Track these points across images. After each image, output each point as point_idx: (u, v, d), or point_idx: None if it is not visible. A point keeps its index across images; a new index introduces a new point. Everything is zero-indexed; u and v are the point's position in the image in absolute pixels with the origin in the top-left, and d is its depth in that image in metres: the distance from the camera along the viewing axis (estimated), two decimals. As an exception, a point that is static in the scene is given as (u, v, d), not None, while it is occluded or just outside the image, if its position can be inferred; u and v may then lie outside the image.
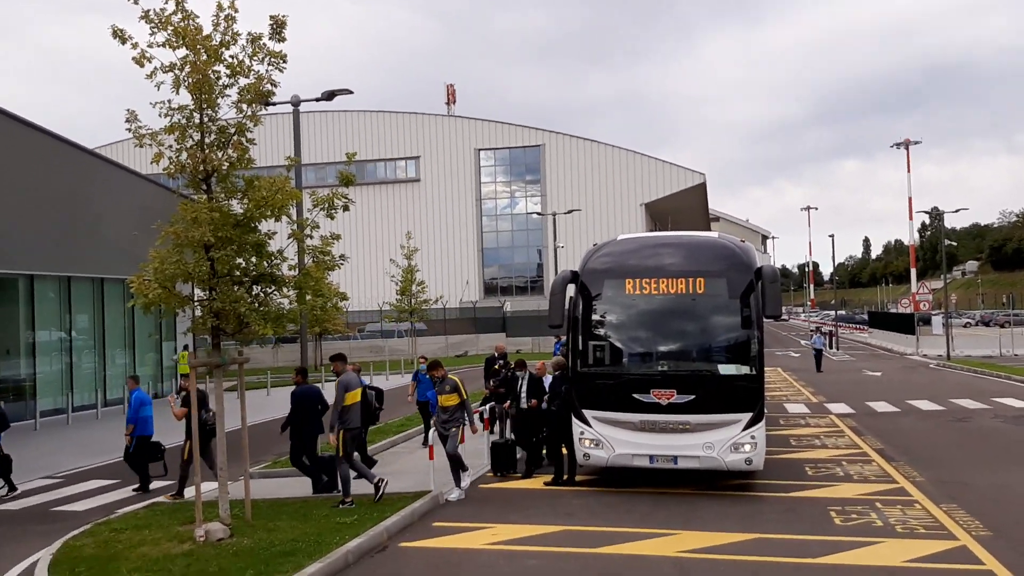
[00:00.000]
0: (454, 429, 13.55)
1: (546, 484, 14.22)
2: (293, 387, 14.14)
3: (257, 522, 11.53)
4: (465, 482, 13.65)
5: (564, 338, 16.24)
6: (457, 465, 13.53)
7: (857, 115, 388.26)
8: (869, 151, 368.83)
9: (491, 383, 17.63)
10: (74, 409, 26.23)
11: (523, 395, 15.19)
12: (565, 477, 14.23)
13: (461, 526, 11.59)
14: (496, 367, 18.25)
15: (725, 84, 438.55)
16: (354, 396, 13.17)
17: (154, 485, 14.94)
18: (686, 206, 78.01)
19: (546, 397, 14.62)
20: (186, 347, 30.16)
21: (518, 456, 15.34)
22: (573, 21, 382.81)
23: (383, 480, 13.01)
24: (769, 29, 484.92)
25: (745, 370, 13.13)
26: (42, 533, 12.18)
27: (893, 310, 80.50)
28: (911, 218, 76.87)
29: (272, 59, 11.14)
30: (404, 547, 10.73)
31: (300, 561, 9.69)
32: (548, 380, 14.91)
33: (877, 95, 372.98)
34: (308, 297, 11.99)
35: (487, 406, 16.93)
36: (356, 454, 13.58)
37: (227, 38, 10.91)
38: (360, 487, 13.99)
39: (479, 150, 73.23)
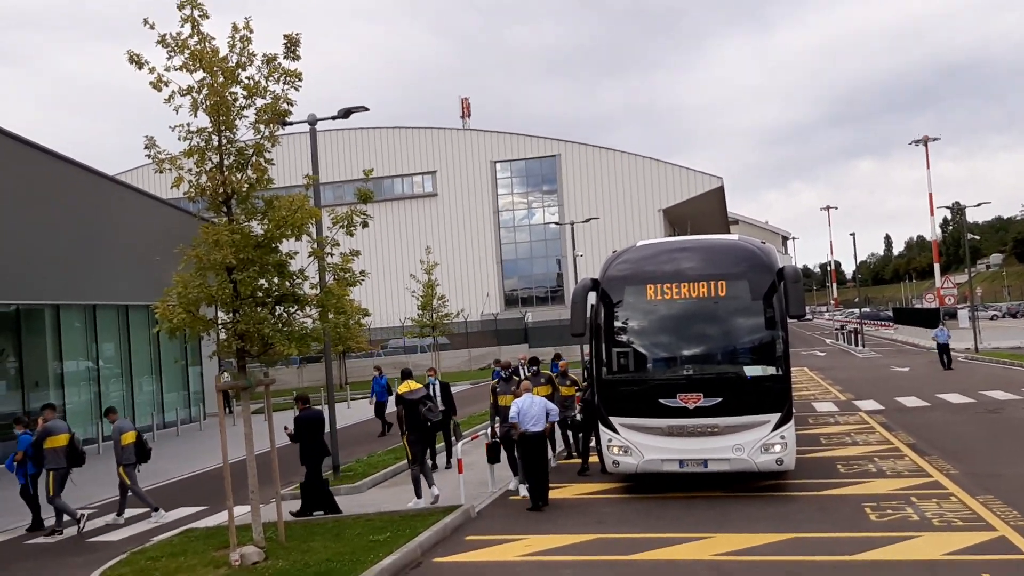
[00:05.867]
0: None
1: (579, 473, 15.58)
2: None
3: (291, 544, 11.53)
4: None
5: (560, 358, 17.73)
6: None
7: (870, 115, 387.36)
8: (884, 150, 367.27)
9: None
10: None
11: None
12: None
13: (494, 539, 11.56)
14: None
15: (738, 90, 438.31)
16: (55, 441, 14.42)
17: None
18: (704, 210, 77.75)
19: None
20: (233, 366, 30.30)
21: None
22: (584, 34, 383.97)
23: (83, 515, 14.59)
24: (780, 34, 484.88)
25: (771, 371, 13.04)
26: (79, 564, 12.23)
27: (918, 305, 79.86)
28: (932, 213, 76.18)
29: (288, 78, 11.18)
30: (438, 562, 10.70)
31: (335, 579, 9.70)
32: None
33: (890, 95, 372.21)
34: (331, 315, 12.01)
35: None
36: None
37: (243, 59, 10.97)
38: (390, 503, 14.03)
39: (495, 162, 73.33)
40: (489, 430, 15.45)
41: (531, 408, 13.46)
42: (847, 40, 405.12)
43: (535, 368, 16.81)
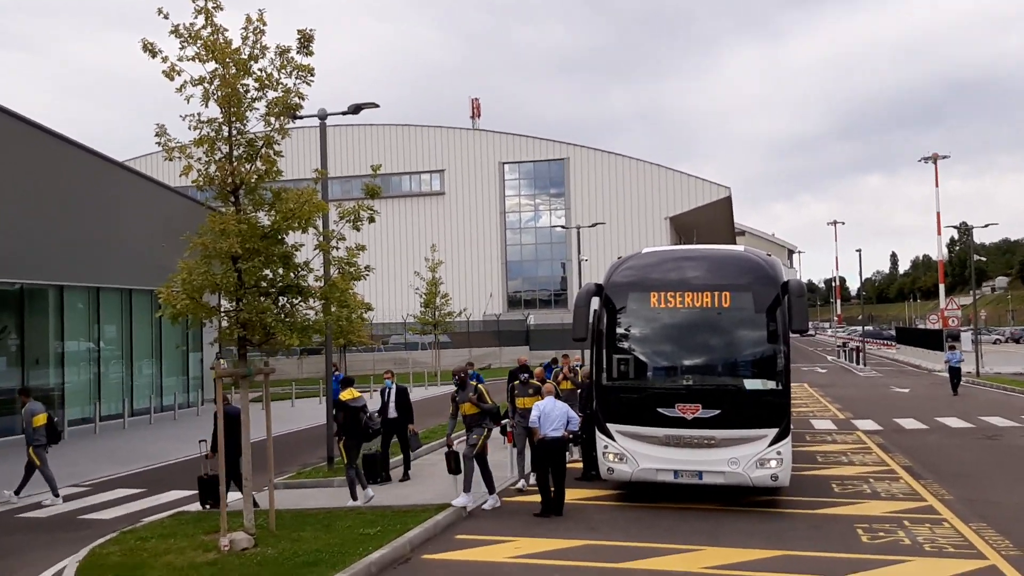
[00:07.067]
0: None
1: (577, 479, 15.17)
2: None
3: (281, 532, 11.55)
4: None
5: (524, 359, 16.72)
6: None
7: (880, 130, 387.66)
8: (893, 166, 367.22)
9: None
10: (101, 419, 26.46)
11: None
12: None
13: (484, 539, 11.56)
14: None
15: (747, 99, 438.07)
16: None
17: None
18: (711, 220, 77.77)
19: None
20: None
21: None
22: (594, 37, 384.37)
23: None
24: (791, 45, 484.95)
25: (771, 385, 13.02)
26: (69, 541, 12.28)
27: (921, 326, 79.70)
28: (939, 233, 75.85)
29: (300, 72, 11.22)
30: (427, 559, 10.71)
31: (323, 572, 9.71)
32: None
33: (899, 110, 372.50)
34: (333, 308, 12.04)
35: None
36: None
37: (256, 51, 11.00)
38: (382, 497, 14.03)
39: (503, 163, 73.41)
40: (447, 440, 14.19)
41: (553, 411, 13.02)
42: (857, 53, 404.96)
43: (526, 376, 16.17)
